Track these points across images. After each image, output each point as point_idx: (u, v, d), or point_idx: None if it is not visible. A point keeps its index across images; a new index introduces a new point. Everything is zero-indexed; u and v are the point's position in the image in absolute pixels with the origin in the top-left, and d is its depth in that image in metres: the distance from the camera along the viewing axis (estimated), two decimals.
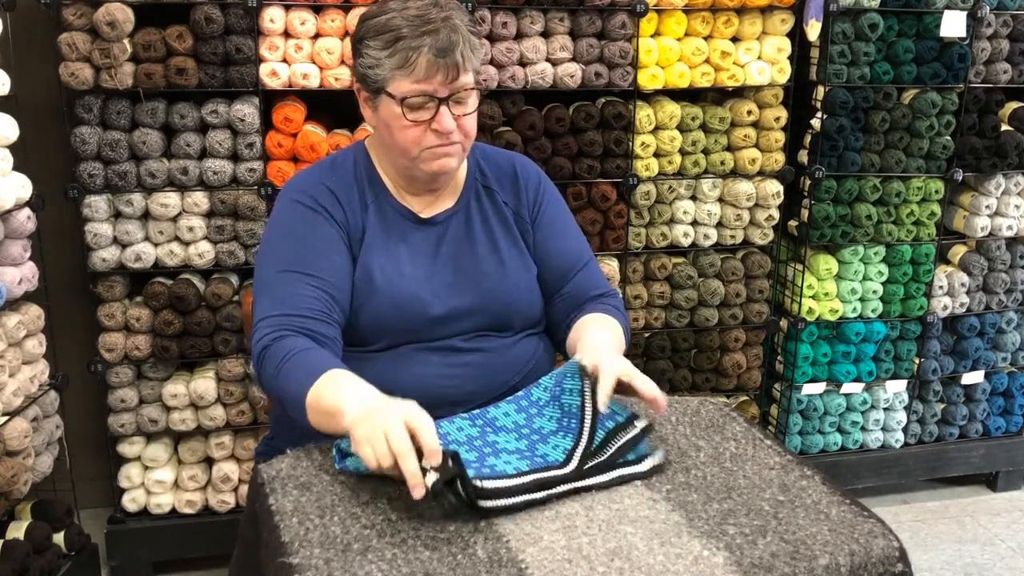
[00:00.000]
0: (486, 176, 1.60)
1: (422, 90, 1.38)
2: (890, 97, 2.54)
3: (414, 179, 1.51)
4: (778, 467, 1.25)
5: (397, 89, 1.39)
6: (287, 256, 1.43)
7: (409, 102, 1.39)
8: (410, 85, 1.38)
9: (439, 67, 1.37)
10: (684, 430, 1.36)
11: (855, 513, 1.13)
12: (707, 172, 2.50)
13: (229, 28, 2.10)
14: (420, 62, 1.36)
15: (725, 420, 1.39)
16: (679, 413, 1.41)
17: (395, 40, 1.37)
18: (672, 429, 1.36)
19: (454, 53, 1.37)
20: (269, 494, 1.17)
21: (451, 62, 1.37)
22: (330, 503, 1.14)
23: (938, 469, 2.92)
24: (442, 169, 1.47)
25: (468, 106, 1.43)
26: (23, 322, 2.03)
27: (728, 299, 2.59)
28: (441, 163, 1.45)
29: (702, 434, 1.35)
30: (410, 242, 1.51)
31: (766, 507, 1.15)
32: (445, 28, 1.37)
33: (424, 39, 1.36)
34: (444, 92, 1.39)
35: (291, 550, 1.04)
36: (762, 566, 1.02)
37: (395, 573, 1.01)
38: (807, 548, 1.06)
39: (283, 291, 1.40)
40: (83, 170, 2.11)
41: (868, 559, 1.06)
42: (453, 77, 1.38)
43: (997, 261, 2.77)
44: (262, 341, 1.35)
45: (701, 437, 1.34)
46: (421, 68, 1.37)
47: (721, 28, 2.39)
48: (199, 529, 2.37)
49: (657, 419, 1.38)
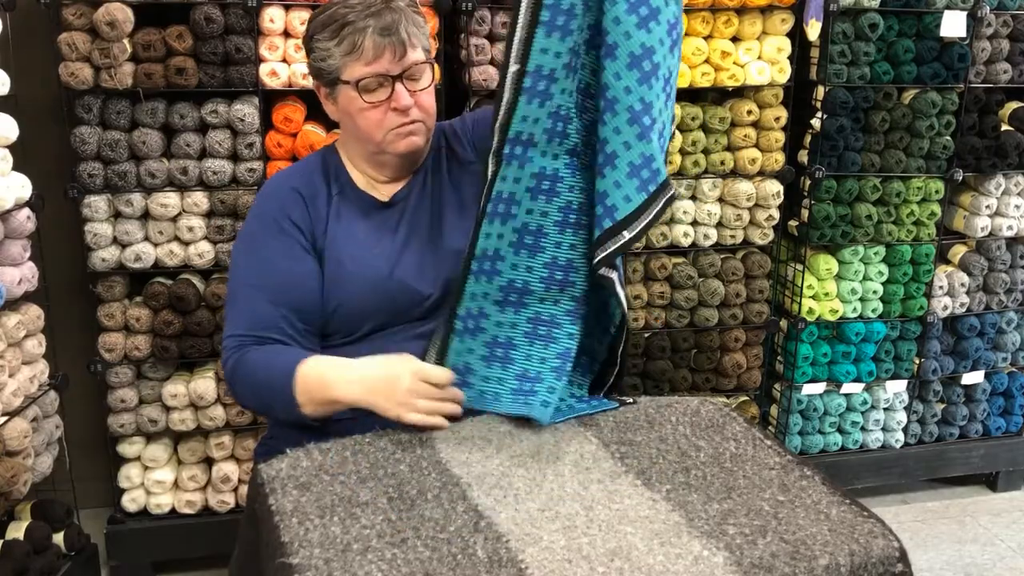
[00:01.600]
0: (449, 140, 1.63)
1: (374, 71, 1.43)
2: (890, 97, 2.54)
3: (385, 165, 1.55)
4: (778, 467, 1.25)
5: (350, 75, 1.44)
6: (249, 272, 1.50)
7: (363, 84, 1.44)
8: (362, 68, 1.43)
9: (385, 46, 1.42)
10: (684, 430, 1.36)
11: (855, 513, 1.13)
12: (707, 172, 2.50)
13: (229, 28, 2.10)
14: (367, 44, 1.42)
15: (725, 420, 1.39)
16: (679, 413, 1.41)
17: (341, 28, 1.43)
18: (672, 429, 1.36)
19: (399, 30, 1.42)
20: (269, 494, 1.17)
21: (397, 40, 1.42)
22: (330, 503, 1.14)
23: (938, 469, 2.92)
24: (409, 148, 1.51)
25: (422, 81, 1.48)
26: (23, 322, 2.03)
27: (728, 299, 2.59)
28: (407, 142, 1.50)
29: (702, 434, 1.35)
30: (372, 225, 1.54)
31: (766, 507, 1.15)
32: (387, 10, 1.43)
33: (368, 21, 1.42)
34: (396, 70, 1.44)
35: (291, 550, 1.04)
36: (762, 566, 1.02)
37: (395, 573, 1.01)
38: (807, 548, 1.06)
39: (245, 307, 1.48)
40: (83, 170, 2.11)
41: (868, 559, 1.06)
42: (401, 54, 1.43)
43: (997, 261, 2.77)
44: (228, 363, 1.46)
45: (701, 437, 1.34)
46: (369, 50, 1.42)
47: (721, 28, 2.39)
48: (199, 529, 2.37)
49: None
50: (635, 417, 1.40)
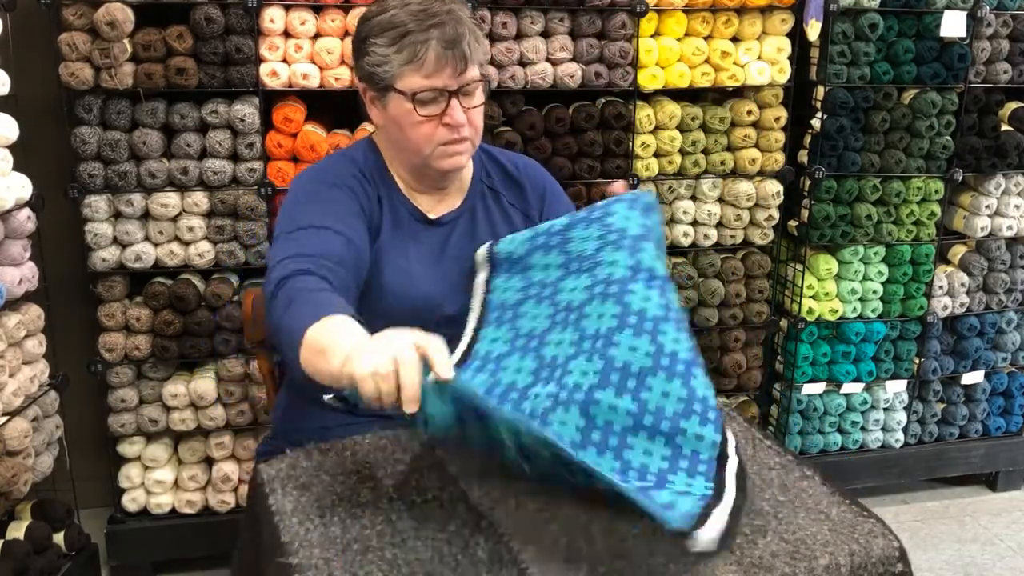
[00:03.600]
0: (492, 178, 1.61)
1: (432, 85, 1.38)
2: (890, 97, 2.54)
3: (424, 176, 1.52)
4: (778, 467, 1.25)
5: (407, 85, 1.39)
6: (307, 217, 1.38)
7: (420, 97, 1.39)
8: (420, 80, 1.38)
9: (448, 60, 1.36)
10: None
11: (855, 513, 1.13)
12: (707, 172, 2.50)
13: (229, 28, 2.10)
14: (429, 56, 1.36)
15: (725, 420, 1.39)
16: None
17: (402, 35, 1.37)
18: None
19: (461, 45, 1.37)
20: (269, 494, 1.17)
21: (459, 54, 1.37)
22: (330, 503, 1.14)
23: (938, 469, 2.92)
24: (454, 167, 1.47)
25: (476, 98, 1.44)
26: (23, 322, 2.03)
27: (728, 299, 2.59)
28: (453, 161, 1.46)
29: None
30: (419, 242, 1.52)
31: (766, 507, 1.14)
32: (450, 21, 1.37)
33: (431, 32, 1.36)
34: (454, 85, 1.39)
35: (291, 550, 1.04)
36: (762, 566, 1.02)
37: (395, 573, 1.01)
38: (807, 548, 1.06)
39: (302, 238, 1.35)
40: (83, 170, 2.11)
41: (868, 559, 1.06)
42: (461, 70, 1.38)
43: (997, 261, 2.77)
44: (280, 274, 1.28)
45: None
46: (430, 62, 1.36)
47: (721, 28, 2.39)
48: (199, 529, 2.37)
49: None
50: None
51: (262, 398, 2.31)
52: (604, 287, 1.24)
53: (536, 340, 1.26)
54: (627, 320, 1.18)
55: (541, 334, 1.26)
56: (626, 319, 1.19)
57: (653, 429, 1.13)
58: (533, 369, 1.23)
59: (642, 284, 1.23)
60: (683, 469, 1.12)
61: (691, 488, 1.10)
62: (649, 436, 1.13)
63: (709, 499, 1.07)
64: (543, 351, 1.24)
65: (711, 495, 1.08)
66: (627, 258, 1.26)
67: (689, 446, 1.14)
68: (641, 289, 1.22)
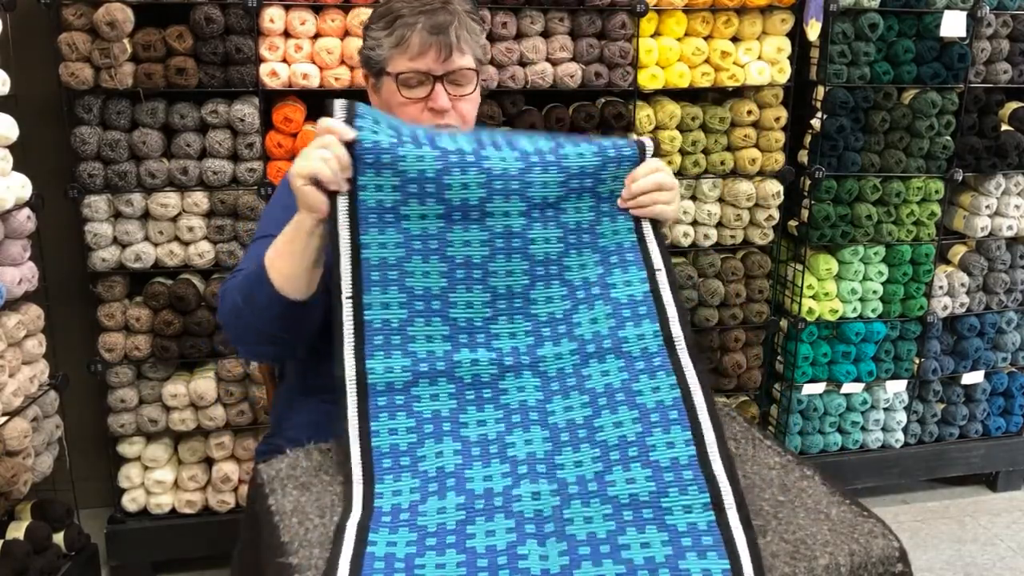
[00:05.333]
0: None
1: (415, 67, 1.42)
2: (890, 97, 2.54)
3: None
4: (778, 467, 1.25)
5: (394, 67, 1.43)
6: (267, 224, 1.43)
7: (403, 78, 1.43)
8: (405, 62, 1.42)
9: (432, 44, 1.40)
10: None
11: (855, 513, 1.13)
12: (707, 172, 2.50)
13: (229, 28, 2.10)
14: (413, 40, 1.40)
15: (725, 420, 1.39)
16: None
17: (393, 20, 1.42)
18: None
19: (448, 31, 1.40)
20: (269, 494, 1.17)
21: (444, 40, 1.40)
22: (330, 503, 1.14)
23: (938, 469, 2.92)
24: None
25: (465, 88, 1.46)
26: (23, 322, 2.03)
27: (728, 299, 2.59)
28: None
29: None
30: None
31: (766, 507, 1.14)
32: (442, 10, 1.41)
33: (419, 17, 1.40)
34: (439, 70, 1.42)
35: (291, 550, 1.04)
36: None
37: None
38: (807, 548, 1.06)
39: (261, 248, 1.35)
40: (83, 170, 2.11)
41: (868, 559, 1.06)
42: (446, 56, 1.41)
43: (997, 261, 2.77)
44: (231, 283, 1.37)
45: None
46: (415, 45, 1.40)
47: (721, 28, 2.39)
48: (199, 529, 2.37)
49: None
50: None
51: (262, 398, 2.31)
52: (504, 240, 1.22)
53: (439, 301, 1.20)
54: (536, 272, 1.22)
55: (441, 294, 1.20)
56: (534, 271, 1.22)
57: (599, 351, 1.18)
58: (447, 334, 1.19)
59: (539, 226, 1.23)
60: (643, 371, 1.16)
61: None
62: (599, 359, 1.18)
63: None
64: (450, 312, 1.20)
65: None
66: (519, 203, 1.21)
67: (636, 347, 1.18)
68: (539, 230, 1.23)
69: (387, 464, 1.11)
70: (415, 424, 1.14)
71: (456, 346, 1.18)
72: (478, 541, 1.03)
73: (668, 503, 1.06)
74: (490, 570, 1.00)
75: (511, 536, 1.04)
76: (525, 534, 1.04)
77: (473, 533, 1.04)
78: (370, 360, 1.15)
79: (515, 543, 1.03)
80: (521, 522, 1.05)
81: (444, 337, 1.19)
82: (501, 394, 1.17)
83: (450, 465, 1.11)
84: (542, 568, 1.00)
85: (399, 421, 1.15)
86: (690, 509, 1.05)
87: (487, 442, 1.13)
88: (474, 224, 1.20)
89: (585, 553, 1.01)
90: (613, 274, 1.23)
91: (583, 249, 1.24)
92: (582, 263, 1.24)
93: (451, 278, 1.20)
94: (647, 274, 1.23)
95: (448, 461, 1.12)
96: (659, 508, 1.06)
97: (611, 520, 1.05)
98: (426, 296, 1.19)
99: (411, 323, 1.18)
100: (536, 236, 1.22)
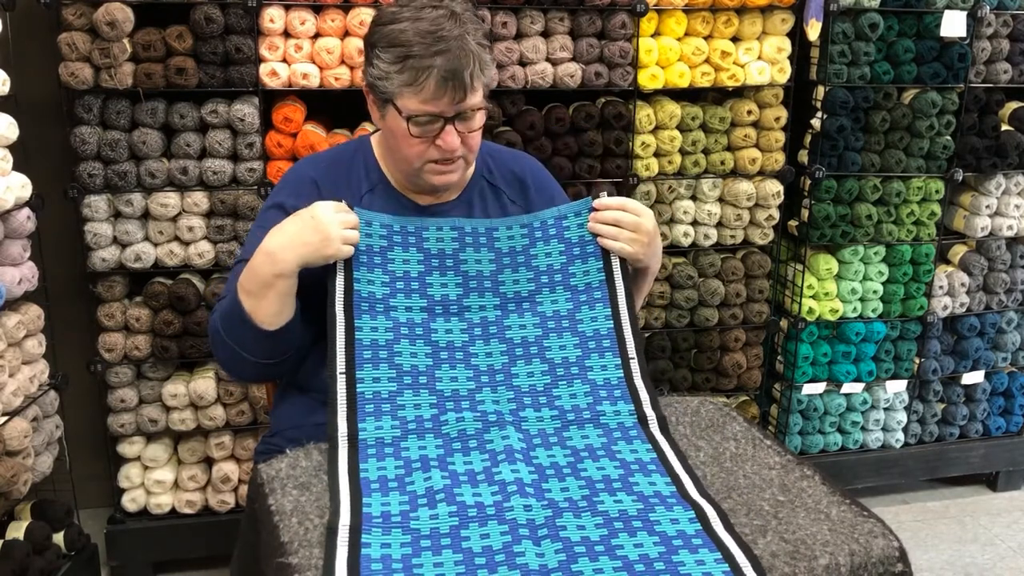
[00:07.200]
0: (493, 174, 1.61)
1: (428, 110, 1.37)
2: (890, 97, 2.54)
3: (417, 184, 1.52)
4: (778, 467, 1.25)
5: (404, 105, 1.38)
6: (250, 248, 1.43)
7: (415, 120, 1.38)
8: (417, 104, 1.37)
9: (447, 88, 1.35)
10: (684, 430, 1.36)
11: (855, 513, 1.13)
12: (707, 172, 2.50)
13: (229, 28, 2.10)
14: (429, 83, 1.34)
15: (725, 420, 1.39)
16: (679, 413, 1.41)
17: (405, 57, 1.35)
18: (672, 429, 1.36)
19: (463, 75, 1.35)
20: (269, 494, 1.17)
21: (460, 84, 1.35)
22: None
23: (938, 469, 2.92)
24: (444, 184, 1.48)
25: (474, 123, 1.43)
26: (23, 322, 2.03)
27: (728, 299, 2.59)
28: (443, 178, 1.47)
29: (702, 434, 1.35)
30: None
31: (766, 507, 1.14)
32: (457, 48, 1.34)
33: (435, 59, 1.33)
34: (451, 112, 1.38)
35: (291, 550, 1.04)
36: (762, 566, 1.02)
37: None
38: (807, 548, 1.06)
39: (232, 278, 1.43)
40: (83, 170, 2.11)
41: (868, 559, 1.06)
42: (460, 98, 1.37)
43: (997, 261, 2.77)
44: (212, 312, 1.45)
45: (701, 437, 1.34)
46: (429, 89, 1.35)
47: (721, 28, 2.39)
48: (199, 529, 2.37)
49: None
50: None
51: (262, 398, 2.31)
52: (482, 329, 1.40)
53: (425, 376, 1.32)
54: (515, 353, 1.38)
55: (427, 370, 1.33)
56: (513, 352, 1.38)
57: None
58: (434, 402, 1.30)
59: (515, 316, 1.41)
60: (620, 439, 1.28)
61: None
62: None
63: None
64: (437, 385, 1.32)
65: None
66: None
67: (613, 421, 1.31)
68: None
69: (375, 487, 1.17)
70: (403, 464, 1.22)
71: (443, 411, 1.29)
72: (473, 543, 1.05)
73: (656, 517, 1.11)
74: (488, 567, 1.01)
75: (506, 538, 1.06)
76: (520, 536, 1.06)
77: (468, 536, 1.06)
78: (362, 423, 1.25)
79: (511, 543, 1.05)
80: (515, 527, 1.07)
81: (431, 405, 1.30)
82: (487, 443, 1.25)
83: (439, 484, 1.17)
84: (540, 564, 1.01)
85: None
86: (678, 521, 1.10)
87: (474, 473, 1.19)
88: (454, 316, 1.39)
89: (581, 551, 1.03)
90: (591, 358, 1.37)
91: (563, 332, 1.40)
92: (561, 344, 1.39)
93: (436, 358, 1.34)
94: (621, 361, 1.37)
95: (437, 483, 1.17)
96: (648, 521, 1.10)
97: (603, 528, 1.09)
98: (414, 372, 1.32)
99: (400, 394, 1.29)
100: (512, 323, 1.40)
